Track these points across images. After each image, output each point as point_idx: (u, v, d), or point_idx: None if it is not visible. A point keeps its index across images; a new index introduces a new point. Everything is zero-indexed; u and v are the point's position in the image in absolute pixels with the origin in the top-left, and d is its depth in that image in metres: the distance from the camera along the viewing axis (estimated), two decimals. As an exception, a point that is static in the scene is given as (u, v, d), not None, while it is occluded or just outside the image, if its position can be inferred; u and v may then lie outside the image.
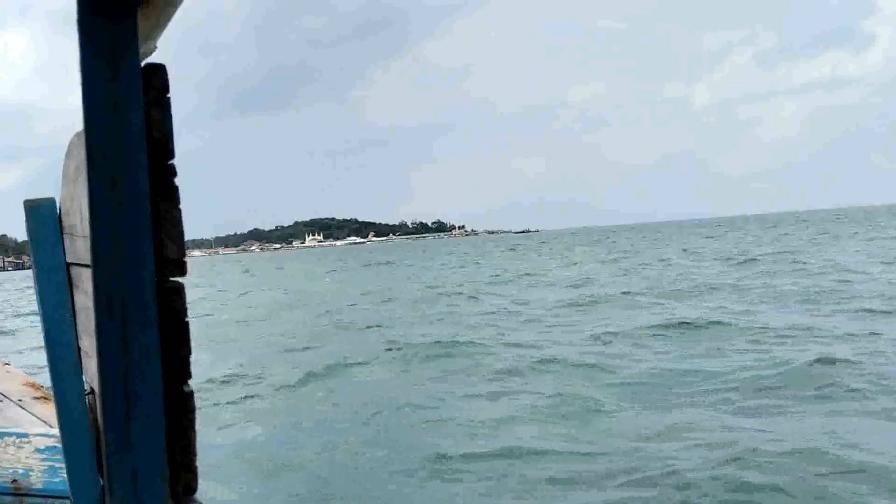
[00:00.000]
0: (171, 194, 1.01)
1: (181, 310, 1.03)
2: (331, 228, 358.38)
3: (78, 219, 1.43)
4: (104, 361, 1.00)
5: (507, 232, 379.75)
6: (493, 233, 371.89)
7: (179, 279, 1.03)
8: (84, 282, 1.48)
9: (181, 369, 1.03)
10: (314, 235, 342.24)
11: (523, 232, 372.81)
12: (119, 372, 1.00)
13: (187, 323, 1.03)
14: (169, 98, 1.00)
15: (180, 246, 1.02)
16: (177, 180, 1.02)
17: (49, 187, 1.74)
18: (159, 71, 1.00)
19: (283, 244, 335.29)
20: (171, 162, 1.01)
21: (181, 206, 1.02)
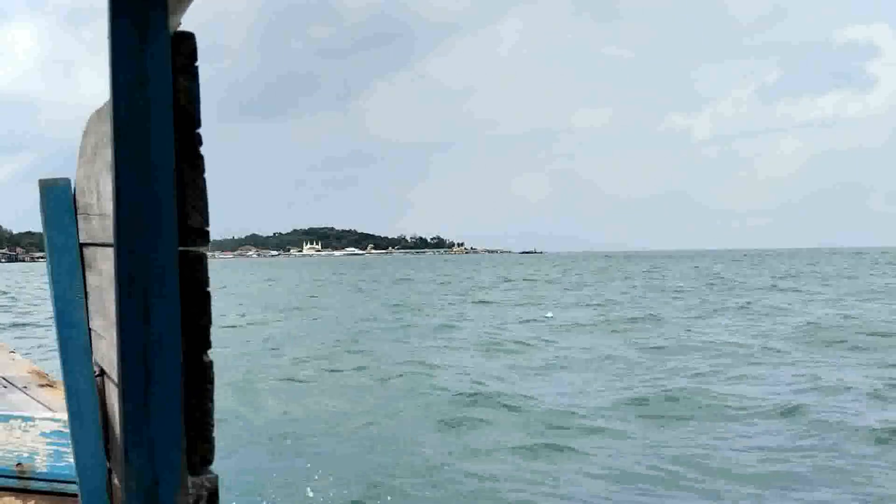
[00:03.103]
0: (197, 163, 1.01)
1: (203, 279, 1.03)
2: (329, 238, 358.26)
3: (94, 197, 1.43)
4: (125, 332, 1.00)
5: (508, 252, 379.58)
6: (492, 252, 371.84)
7: (202, 249, 1.03)
8: (98, 262, 1.48)
9: (201, 339, 1.03)
10: (312, 244, 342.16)
11: (527, 253, 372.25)
12: (139, 343, 1.00)
13: (208, 292, 1.03)
14: (197, 66, 1.00)
15: (204, 215, 1.02)
16: (202, 149, 1.02)
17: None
18: (188, 39, 1.00)
19: (281, 251, 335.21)
20: (197, 130, 1.01)
21: (205, 175, 1.02)
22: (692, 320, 22.95)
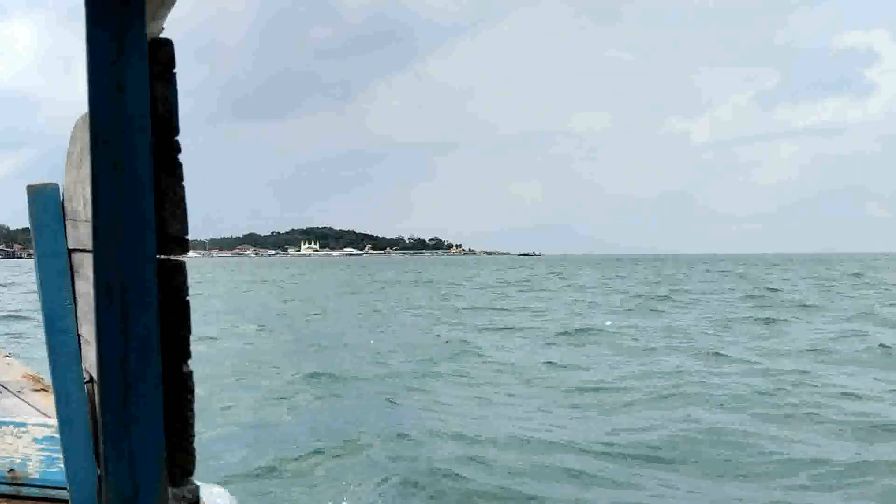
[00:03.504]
0: (175, 171, 1.01)
1: (182, 288, 1.02)
2: (327, 238, 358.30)
3: (81, 203, 1.42)
4: (103, 342, 0.99)
5: (506, 254, 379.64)
6: (491, 253, 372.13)
7: (181, 257, 1.02)
8: (86, 268, 1.47)
9: (181, 349, 1.02)
10: (310, 244, 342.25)
11: (526, 255, 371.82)
12: (118, 353, 0.99)
13: (188, 302, 1.02)
14: (175, 73, 0.99)
15: (183, 223, 1.01)
16: (180, 156, 1.01)
17: (43, 177, 1.72)
18: (165, 45, 0.99)
19: (279, 251, 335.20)
20: (175, 138, 1.00)
21: (184, 183, 1.01)
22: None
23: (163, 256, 1.00)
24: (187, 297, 1.02)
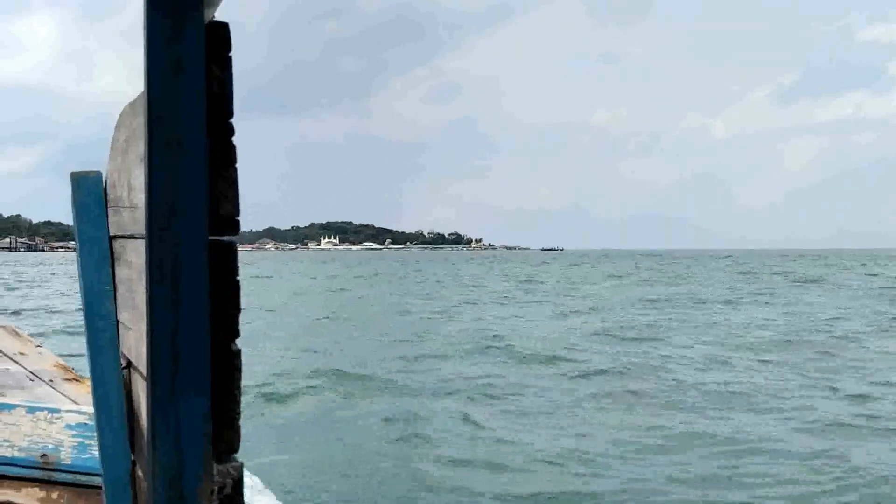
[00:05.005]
0: (229, 153, 1.02)
1: (232, 268, 1.03)
2: (347, 233, 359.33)
3: (125, 190, 1.44)
4: (155, 319, 1.00)
5: (527, 249, 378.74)
6: (511, 248, 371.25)
7: (232, 238, 1.03)
8: (128, 254, 1.49)
9: (230, 328, 1.04)
10: (330, 238, 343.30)
11: (550, 250, 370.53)
12: (168, 329, 1.00)
13: (238, 281, 1.04)
14: (230, 56, 1.00)
15: (235, 204, 1.03)
16: (234, 139, 1.02)
17: (63, 173, 1.72)
18: (222, 28, 1.00)
19: (299, 245, 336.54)
20: (230, 120, 1.01)
21: (237, 165, 1.02)
22: None
23: (214, 237, 1.01)
24: (237, 278, 1.04)
